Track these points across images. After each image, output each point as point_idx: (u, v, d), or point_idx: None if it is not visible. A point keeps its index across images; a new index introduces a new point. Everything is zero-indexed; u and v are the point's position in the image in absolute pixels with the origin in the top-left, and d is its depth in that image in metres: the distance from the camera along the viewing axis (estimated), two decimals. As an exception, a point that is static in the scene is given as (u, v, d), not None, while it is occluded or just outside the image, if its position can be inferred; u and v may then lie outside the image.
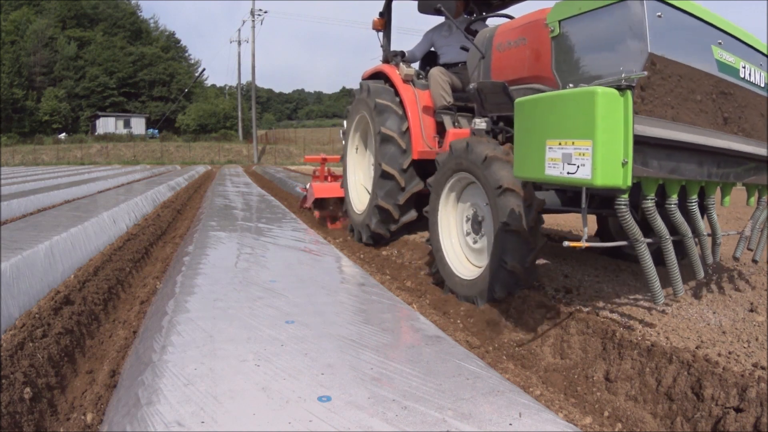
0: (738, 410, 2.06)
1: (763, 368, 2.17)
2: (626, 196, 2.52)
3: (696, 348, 2.45)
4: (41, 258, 3.68)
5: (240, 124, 58.50)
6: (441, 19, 6.08)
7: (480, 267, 3.85)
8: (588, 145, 2.33)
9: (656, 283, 2.71)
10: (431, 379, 2.08)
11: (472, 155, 3.66)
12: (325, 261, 4.54)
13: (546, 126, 2.58)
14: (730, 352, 2.38)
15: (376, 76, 6.14)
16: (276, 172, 23.41)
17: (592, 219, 5.03)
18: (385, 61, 6.18)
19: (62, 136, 52.48)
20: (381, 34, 6.33)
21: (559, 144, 2.49)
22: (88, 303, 3.54)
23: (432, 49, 5.98)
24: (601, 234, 4.87)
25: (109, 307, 3.84)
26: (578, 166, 2.39)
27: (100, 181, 14.27)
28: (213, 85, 78.10)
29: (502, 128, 4.08)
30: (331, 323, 2.77)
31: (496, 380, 2.13)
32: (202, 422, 1.73)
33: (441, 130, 5.37)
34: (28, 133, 51.61)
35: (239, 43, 57.94)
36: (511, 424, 1.76)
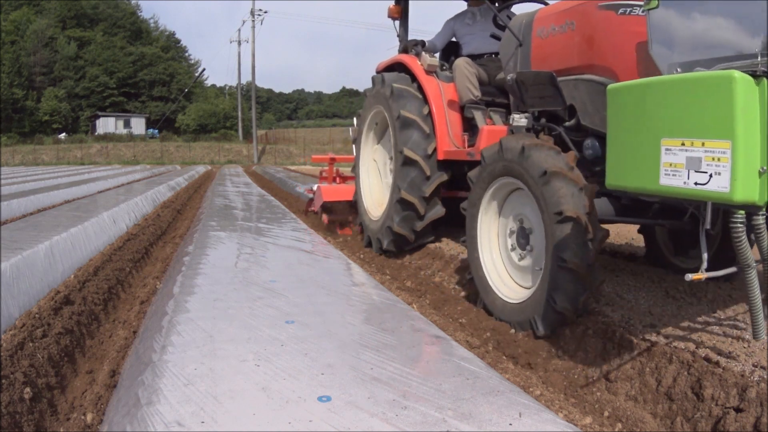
0: (738, 410, 2.06)
1: (763, 368, 2.17)
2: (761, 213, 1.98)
3: (696, 348, 2.45)
4: (41, 258, 3.68)
5: (240, 124, 58.48)
6: (462, 6, 5.56)
7: (526, 288, 3.30)
8: (726, 147, 1.84)
9: (760, 316, 2.16)
10: (431, 379, 2.08)
11: (527, 163, 3.03)
12: (325, 261, 4.54)
13: (661, 121, 2.07)
14: (729, 352, 2.38)
15: (392, 69, 5.57)
16: (276, 172, 23.41)
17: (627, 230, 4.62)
18: (403, 51, 5.56)
19: (62, 136, 52.47)
20: (397, 23, 5.81)
21: (683, 145, 1.98)
22: (88, 303, 3.54)
23: (453, 39, 5.49)
24: (649, 248, 4.29)
25: (109, 307, 3.84)
26: (711, 175, 1.89)
27: (100, 181, 14.27)
28: (213, 85, 78.21)
29: (545, 125, 3.60)
30: (331, 323, 2.77)
31: (496, 380, 2.14)
32: (202, 422, 1.73)
33: (468, 126, 4.85)
34: (28, 133, 51.59)
35: (239, 43, 57.83)
36: (511, 424, 1.76)
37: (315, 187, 7.71)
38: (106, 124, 55.49)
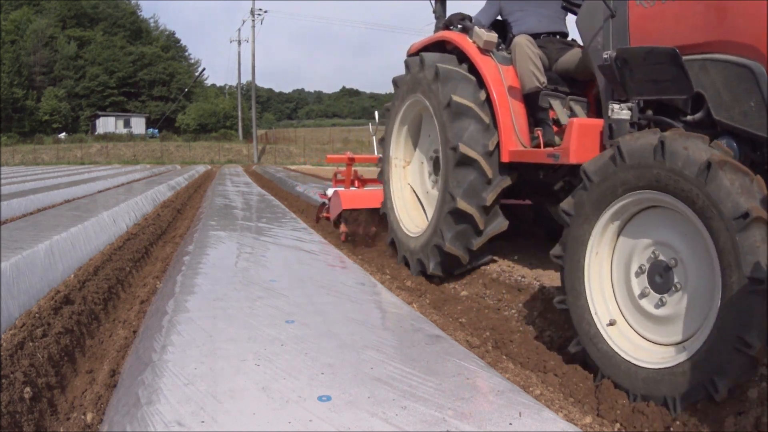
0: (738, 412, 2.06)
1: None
2: None
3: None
4: (41, 257, 3.68)
5: (240, 124, 58.48)
6: None
7: (668, 346, 2.34)
8: None
9: None
10: (431, 379, 2.08)
11: (675, 161, 2.16)
12: (325, 260, 4.54)
13: None
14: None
15: (430, 50, 4.56)
16: (276, 172, 23.42)
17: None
18: (445, 28, 4.58)
19: (62, 135, 52.46)
20: None
21: None
22: (88, 302, 3.54)
23: (499, 17, 4.54)
24: None
25: (109, 306, 3.84)
26: None
27: (100, 180, 14.27)
28: (213, 85, 78.22)
29: (653, 118, 2.82)
30: (331, 323, 2.77)
31: (496, 380, 2.14)
32: (202, 422, 1.73)
33: (534, 120, 3.96)
34: (28, 132, 51.59)
35: (239, 42, 57.79)
36: (511, 424, 1.76)
37: (329, 192, 6.72)
38: (106, 124, 55.50)
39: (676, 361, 2.18)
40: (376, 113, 5.69)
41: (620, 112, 2.85)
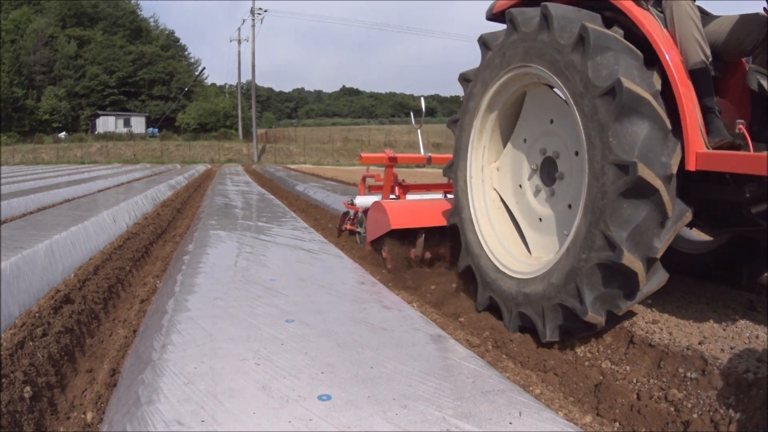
0: (738, 410, 2.06)
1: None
2: None
3: (699, 344, 2.45)
4: (41, 257, 3.68)
5: (240, 123, 58.44)
6: None
7: None
8: None
9: None
10: (431, 378, 2.08)
11: None
12: (324, 260, 4.54)
13: None
14: (732, 348, 2.38)
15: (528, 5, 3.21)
16: (276, 171, 23.42)
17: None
18: None
19: (62, 135, 52.45)
20: None
21: None
22: (89, 302, 3.54)
23: None
24: None
25: (109, 305, 3.84)
26: None
27: (100, 180, 14.27)
28: (213, 84, 78.06)
29: None
30: (331, 322, 2.77)
31: (496, 379, 2.13)
32: (202, 421, 1.73)
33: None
34: (28, 132, 51.57)
35: (239, 41, 57.71)
36: (511, 423, 1.76)
37: (360, 201, 5.53)
38: (106, 123, 55.49)
39: None
40: (417, 111, 4.64)
41: None
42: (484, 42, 3.42)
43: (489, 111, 3.54)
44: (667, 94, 2.63)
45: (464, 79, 3.67)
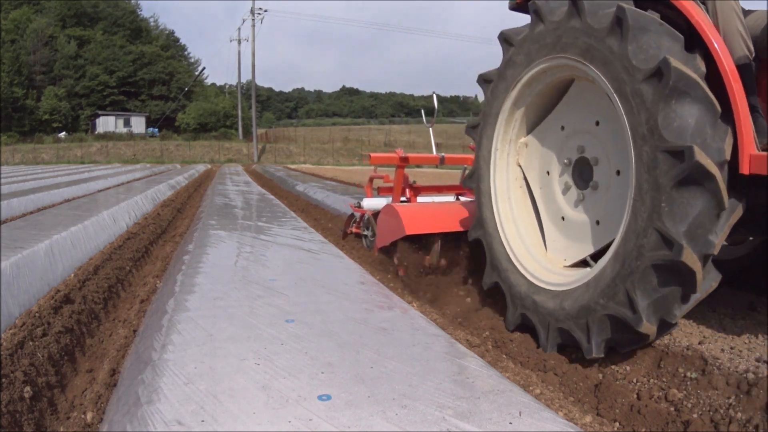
0: (738, 408, 2.06)
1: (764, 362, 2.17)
2: None
3: (699, 344, 2.45)
4: (41, 257, 3.69)
5: (240, 123, 58.46)
6: None
7: None
8: None
9: None
10: (431, 378, 2.08)
11: None
12: (324, 260, 4.54)
13: None
14: (732, 347, 2.38)
15: None
16: (276, 171, 23.42)
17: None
18: None
19: (62, 135, 52.47)
20: None
21: None
22: (89, 302, 3.54)
23: None
24: None
25: (109, 305, 3.84)
26: None
27: (100, 180, 14.27)
28: (213, 84, 78.11)
29: None
30: (331, 322, 2.77)
31: (496, 379, 2.13)
32: (202, 421, 1.73)
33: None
34: (28, 132, 51.59)
35: (239, 41, 57.71)
36: (511, 423, 1.76)
37: (367, 203, 5.34)
38: (106, 123, 55.52)
39: None
40: (428, 110, 4.32)
41: None
42: (505, 38, 3.23)
43: (514, 110, 3.28)
44: (711, 86, 2.43)
45: (484, 80, 3.44)
